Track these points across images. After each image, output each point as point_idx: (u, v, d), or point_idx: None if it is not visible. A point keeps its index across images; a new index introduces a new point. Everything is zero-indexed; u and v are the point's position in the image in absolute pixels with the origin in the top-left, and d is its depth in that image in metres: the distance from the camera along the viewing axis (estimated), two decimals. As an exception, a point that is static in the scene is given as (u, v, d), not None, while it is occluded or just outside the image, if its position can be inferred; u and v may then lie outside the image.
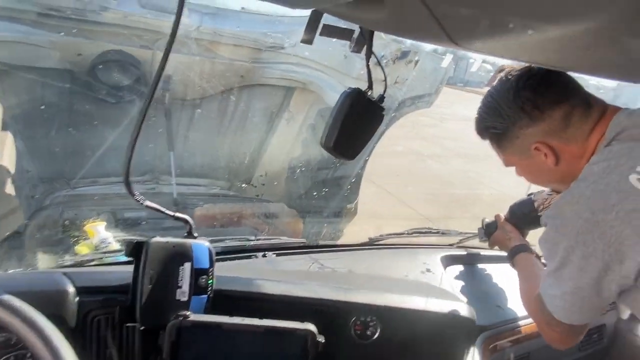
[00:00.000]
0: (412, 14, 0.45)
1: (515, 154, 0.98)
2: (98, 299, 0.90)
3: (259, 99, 3.18)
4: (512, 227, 1.35)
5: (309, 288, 1.04)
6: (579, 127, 0.88)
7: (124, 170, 0.83)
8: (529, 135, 0.91)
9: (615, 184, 0.77)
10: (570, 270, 0.82)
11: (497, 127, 0.95)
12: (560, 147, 0.90)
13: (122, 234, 2.27)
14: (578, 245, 0.80)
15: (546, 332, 0.95)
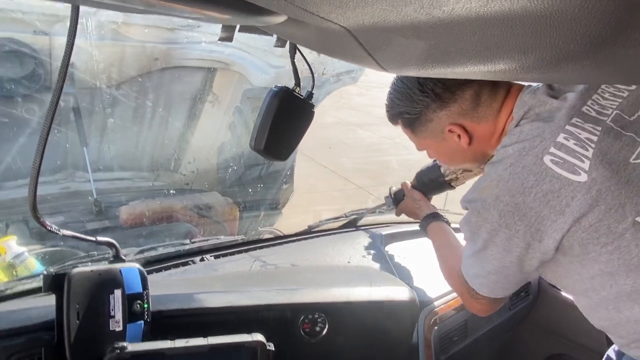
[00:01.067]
0: (339, 41, 0.42)
1: (428, 137, 0.98)
2: (19, 341, 0.81)
3: (179, 82, 2.98)
4: (420, 194, 1.38)
5: (253, 295, 1.02)
6: (489, 106, 0.90)
7: (29, 196, 0.73)
8: (442, 117, 0.92)
9: (532, 166, 0.79)
10: (494, 251, 0.86)
11: (411, 112, 0.95)
12: (472, 127, 0.92)
13: (39, 245, 2.07)
14: (501, 228, 0.83)
15: (470, 304, 1.01)
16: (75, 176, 2.66)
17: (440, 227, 1.26)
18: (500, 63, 0.36)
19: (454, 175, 1.33)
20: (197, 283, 1.10)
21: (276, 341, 0.89)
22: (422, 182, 1.38)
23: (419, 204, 1.36)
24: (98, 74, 2.56)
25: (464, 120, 0.92)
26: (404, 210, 1.42)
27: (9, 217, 2.29)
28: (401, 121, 1.00)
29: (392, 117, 1.01)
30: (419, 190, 1.38)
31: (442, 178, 1.33)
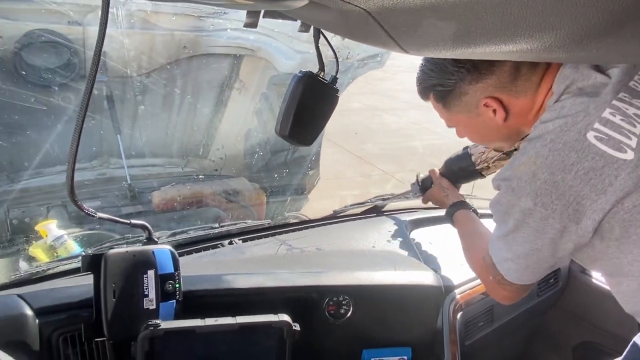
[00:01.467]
0: (362, 24, 0.42)
1: (461, 112, 0.93)
2: (60, 317, 0.86)
3: (207, 70, 3.02)
4: (448, 183, 1.34)
5: (279, 277, 1.04)
6: (528, 79, 0.85)
7: (67, 181, 0.77)
8: (478, 90, 0.88)
9: (574, 143, 0.75)
10: (526, 233, 0.82)
11: (444, 85, 0.90)
12: (509, 102, 0.87)
13: (77, 228, 2.17)
14: (536, 207, 0.79)
15: (495, 291, 0.97)
16: (110, 163, 2.76)
17: (467, 216, 1.23)
18: (522, 42, 0.36)
19: (486, 164, 1.29)
20: (225, 265, 1.14)
21: (302, 322, 0.91)
22: (452, 170, 1.35)
23: (446, 192, 1.32)
24: (129, 63, 2.63)
25: (501, 93, 0.87)
26: (430, 198, 1.39)
27: (49, 202, 2.41)
28: (433, 94, 0.95)
29: (424, 91, 0.96)
30: (447, 179, 1.35)
31: (472, 167, 1.30)
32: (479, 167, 1.30)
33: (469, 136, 1.03)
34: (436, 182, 1.36)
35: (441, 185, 1.34)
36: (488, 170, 1.31)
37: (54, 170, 2.72)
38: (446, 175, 1.36)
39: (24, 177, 2.66)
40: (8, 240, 2.13)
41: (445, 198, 1.31)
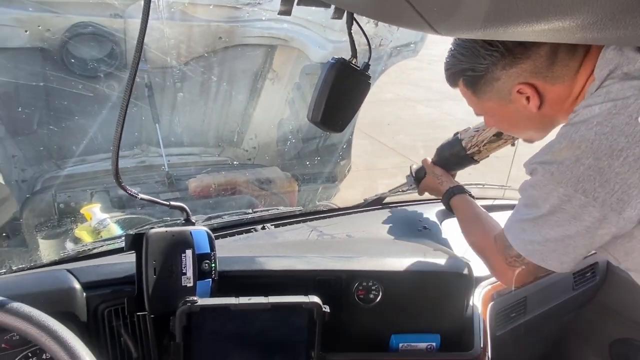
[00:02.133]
0: (393, 5, 0.43)
1: (492, 99, 0.89)
2: (105, 292, 0.92)
3: (241, 60, 3.08)
4: (442, 170, 1.31)
5: (310, 260, 1.07)
6: (566, 64, 0.80)
7: (112, 165, 0.82)
8: (511, 76, 0.83)
9: (623, 127, 0.71)
10: (561, 218, 0.78)
11: (476, 69, 0.85)
12: (545, 88, 0.83)
13: (119, 212, 2.28)
14: (577, 194, 0.75)
15: (503, 273, 0.95)
16: (149, 151, 2.87)
17: (465, 199, 1.20)
18: (556, 20, 0.36)
19: (476, 148, 1.26)
20: (258, 248, 1.17)
21: (331, 305, 0.94)
22: (444, 157, 1.32)
23: (440, 179, 1.29)
24: (169, 52, 2.71)
25: (536, 79, 0.82)
26: (426, 188, 1.36)
27: (92, 188, 2.54)
28: (463, 80, 0.90)
29: (453, 76, 0.92)
30: (440, 167, 1.32)
31: (463, 152, 1.27)
32: (470, 151, 1.28)
33: (498, 125, 0.99)
34: (429, 170, 1.33)
35: (435, 173, 1.32)
36: (480, 155, 1.29)
37: (97, 158, 2.86)
38: (439, 163, 1.33)
39: (69, 163, 2.81)
40: (55, 222, 2.26)
41: (440, 185, 1.29)
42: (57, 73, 2.55)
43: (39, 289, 0.88)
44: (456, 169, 1.34)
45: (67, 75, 2.60)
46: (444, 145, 1.33)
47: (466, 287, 1.15)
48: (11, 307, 0.74)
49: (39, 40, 2.42)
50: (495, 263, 0.97)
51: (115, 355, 0.91)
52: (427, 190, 1.37)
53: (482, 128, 1.27)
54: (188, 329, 0.87)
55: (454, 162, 1.32)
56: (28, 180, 2.68)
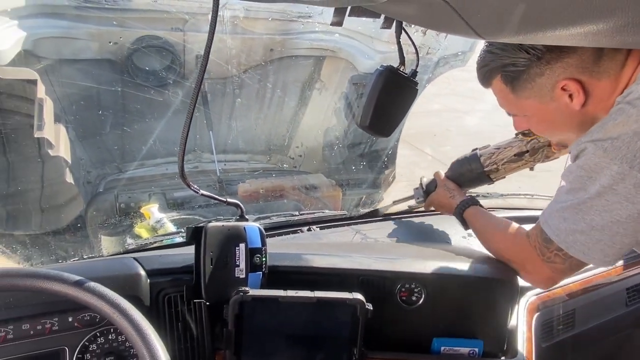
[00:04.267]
0: (439, 12, 0.47)
1: (532, 97, 0.84)
2: (167, 279, 1.00)
3: (290, 71, 3.19)
4: (455, 185, 1.26)
5: (354, 260, 1.11)
6: (612, 58, 0.76)
7: (179, 164, 0.90)
8: (556, 71, 0.79)
9: None
10: (611, 200, 0.73)
11: (518, 64, 0.81)
12: (591, 84, 0.79)
13: (174, 213, 2.43)
14: (632, 171, 0.70)
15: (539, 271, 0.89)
16: (202, 157, 3.04)
17: (480, 210, 1.15)
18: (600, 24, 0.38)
19: (495, 166, 1.23)
20: (304, 247, 1.23)
21: (374, 304, 0.97)
22: (459, 172, 1.28)
23: (452, 193, 1.23)
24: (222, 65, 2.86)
25: (582, 75, 0.78)
26: (434, 202, 1.31)
27: (150, 190, 2.71)
28: (501, 76, 0.86)
29: (490, 73, 0.88)
30: (453, 182, 1.28)
31: (480, 169, 1.24)
32: (488, 169, 1.24)
33: (534, 126, 0.94)
34: (441, 184, 1.28)
35: (447, 187, 1.26)
36: (497, 174, 1.25)
37: (154, 163, 3.05)
38: (452, 178, 1.30)
39: (129, 167, 3.01)
40: (117, 220, 2.44)
41: (451, 199, 1.23)
42: (122, 83, 2.76)
43: (108, 274, 0.97)
44: (469, 186, 1.30)
45: (131, 85, 2.81)
46: (460, 160, 1.30)
47: (511, 295, 1.15)
48: (88, 285, 0.82)
49: (107, 52, 2.64)
50: (529, 262, 0.92)
51: (172, 338, 0.99)
52: (435, 204, 1.31)
53: (503, 146, 1.24)
54: (239, 317, 0.94)
55: (468, 179, 1.28)
56: (92, 182, 2.91)
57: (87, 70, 2.66)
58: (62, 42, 2.49)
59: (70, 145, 2.62)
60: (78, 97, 2.68)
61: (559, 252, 0.85)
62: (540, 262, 0.89)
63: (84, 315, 0.94)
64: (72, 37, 2.49)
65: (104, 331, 0.96)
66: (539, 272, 0.91)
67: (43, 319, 0.90)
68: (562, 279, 0.91)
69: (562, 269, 0.87)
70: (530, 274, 0.95)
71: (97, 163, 3.03)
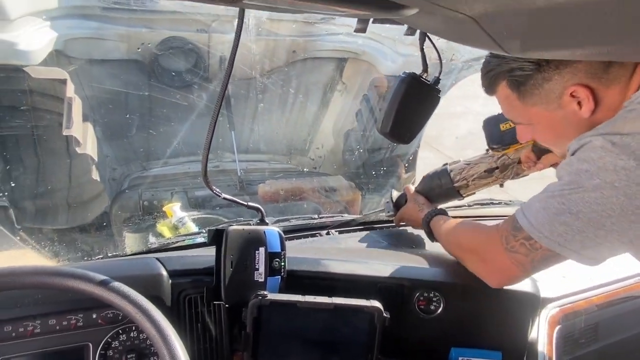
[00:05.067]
0: (465, 28, 0.47)
1: (539, 104, 0.82)
2: (187, 280, 1.02)
3: (312, 73, 3.21)
4: (425, 199, 1.24)
5: (372, 266, 1.10)
6: (622, 65, 0.74)
7: (202, 168, 0.92)
8: (564, 76, 0.76)
9: None
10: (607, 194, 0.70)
11: (525, 69, 0.79)
12: (600, 91, 0.76)
13: (195, 212, 2.47)
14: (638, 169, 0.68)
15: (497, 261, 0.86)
16: (223, 157, 3.08)
17: (445, 217, 1.13)
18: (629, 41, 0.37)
19: (465, 182, 1.21)
20: (323, 252, 1.23)
21: (391, 312, 0.97)
22: (429, 187, 1.27)
23: (422, 207, 1.21)
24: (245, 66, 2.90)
25: (591, 81, 0.76)
26: (404, 216, 1.29)
27: (172, 188, 2.76)
28: (507, 82, 0.83)
29: (495, 78, 0.86)
30: (423, 196, 1.26)
31: (450, 184, 1.23)
32: (458, 184, 1.22)
33: (539, 135, 0.90)
34: (411, 198, 1.27)
35: (416, 201, 1.24)
36: (467, 189, 1.23)
37: (177, 161, 3.11)
38: (422, 193, 1.28)
39: (153, 165, 3.08)
40: (140, 218, 2.50)
41: (420, 212, 1.21)
42: (148, 84, 2.82)
43: (132, 273, 1.00)
44: (439, 201, 1.28)
45: (156, 86, 2.87)
46: (431, 174, 1.29)
47: (532, 306, 1.13)
48: (112, 285, 0.85)
49: (134, 53, 2.70)
50: (489, 251, 0.89)
51: (192, 338, 1.01)
52: (405, 218, 1.30)
53: (473, 162, 1.23)
54: (258, 320, 0.95)
55: (438, 194, 1.26)
56: (117, 179, 2.98)
57: (115, 71, 2.73)
58: (91, 42, 2.56)
59: (97, 142, 2.70)
60: (106, 96, 2.76)
61: (525, 242, 0.82)
62: (501, 250, 0.85)
63: (107, 312, 0.97)
64: (101, 37, 2.56)
65: (126, 329, 0.98)
66: (496, 260, 0.88)
67: (69, 315, 0.93)
68: (520, 274, 0.87)
69: (523, 261, 0.83)
70: (487, 262, 0.91)
71: (121, 160, 3.11)
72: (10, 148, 2.34)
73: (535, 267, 0.86)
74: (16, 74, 2.23)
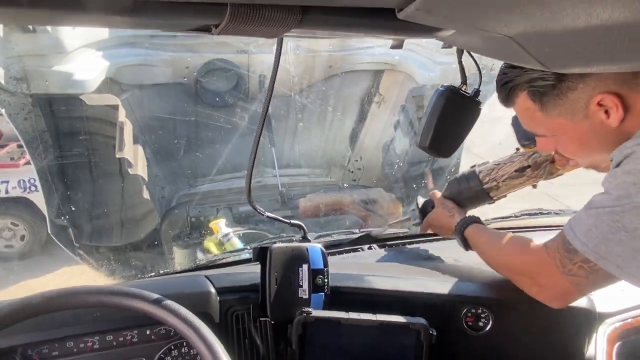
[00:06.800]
0: (504, 46, 0.47)
1: (563, 115, 0.77)
2: (234, 297, 1.05)
3: (349, 86, 3.23)
4: (454, 203, 1.17)
5: (417, 282, 1.09)
6: None
7: (246, 190, 0.96)
8: (590, 85, 0.72)
9: None
10: None
11: (547, 78, 0.74)
12: (630, 98, 0.71)
13: (240, 227, 2.53)
14: None
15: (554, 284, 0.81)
16: (265, 172, 3.15)
17: (482, 227, 1.06)
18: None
19: (495, 183, 1.13)
20: (365, 267, 1.23)
21: (438, 329, 0.95)
22: (457, 191, 1.20)
23: (452, 212, 1.14)
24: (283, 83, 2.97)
25: (620, 88, 0.71)
26: (432, 223, 1.22)
27: (217, 204, 2.86)
28: (528, 93, 0.79)
29: (514, 89, 0.82)
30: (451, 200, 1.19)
31: (479, 186, 1.15)
32: (487, 185, 1.15)
33: (563, 147, 0.86)
34: (438, 203, 1.20)
35: (445, 206, 1.17)
36: (497, 191, 1.15)
37: (221, 178, 3.21)
38: (450, 198, 1.20)
39: (199, 183, 3.19)
40: (188, 234, 2.59)
41: (451, 219, 1.14)
42: (193, 104, 2.95)
43: (182, 291, 1.04)
44: (468, 205, 1.21)
45: (201, 107, 2.99)
46: (458, 177, 1.21)
47: (587, 322, 1.07)
48: (165, 303, 0.89)
49: (179, 76, 2.83)
50: (544, 274, 0.84)
51: (240, 354, 1.03)
52: (433, 225, 1.23)
53: (503, 162, 1.16)
54: (303, 337, 0.96)
55: (467, 197, 1.19)
56: (166, 197, 3.11)
57: (162, 94, 2.88)
58: (140, 69, 2.72)
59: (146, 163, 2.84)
60: (154, 118, 2.90)
61: (584, 264, 0.77)
62: (558, 274, 0.81)
63: (160, 329, 1.01)
64: (149, 64, 2.71)
65: (178, 344, 1.02)
66: (555, 285, 0.83)
67: (124, 332, 0.98)
68: (581, 296, 0.83)
69: (584, 283, 0.79)
70: (544, 287, 0.86)
71: (170, 179, 3.25)
72: (68, 171, 2.51)
73: (596, 286, 0.83)
74: (73, 102, 2.40)
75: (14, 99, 2.26)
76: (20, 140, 2.44)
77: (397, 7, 0.37)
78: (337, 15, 0.39)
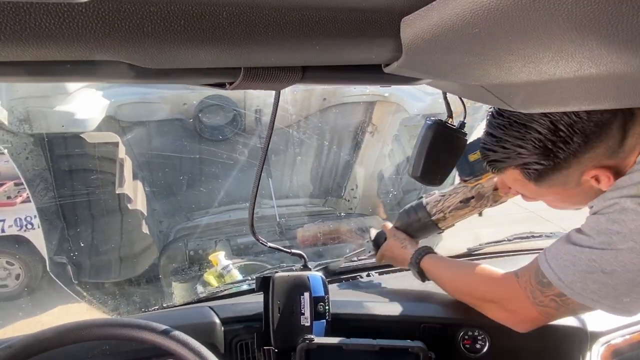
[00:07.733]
0: (476, 91, 0.54)
1: (555, 186, 0.80)
2: (239, 327, 1.08)
3: (343, 117, 3.33)
4: (405, 235, 1.22)
5: (415, 307, 1.13)
6: (635, 132, 0.73)
7: (249, 222, 1.01)
8: (583, 162, 0.75)
9: None
10: None
11: (542, 162, 0.76)
12: (618, 165, 0.75)
13: (239, 259, 2.56)
14: None
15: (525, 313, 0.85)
16: (262, 203, 3.19)
17: (439, 256, 1.11)
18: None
19: (442, 214, 1.19)
20: (365, 294, 1.27)
21: (436, 352, 0.98)
22: (407, 222, 1.25)
23: (404, 243, 1.18)
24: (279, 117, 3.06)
25: (609, 160, 0.74)
26: (385, 255, 1.26)
27: (216, 237, 2.88)
28: (521, 172, 0.80)
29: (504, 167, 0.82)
30: (402, 232, 1.24)
31: (428, 217, 1.20)
32: (435, 217, 1.20)
33: (551, 204, 0.90)
34: (390, 234, 1.24)
35: (397, 237, 1.21)
36: (445, 222, 1.21)
37: (218, 210, 3.25)
38: (401, 229, 1.26)
39: (196, 216, 3.22)
40: (187, 267, 2.61)
41: (404, 250, 1.18)
42: (190, 139, 3.02)
43: (188, 322, 1.07)
44: (419, 235, 1.25)
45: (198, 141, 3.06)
46: (407, 209, 1.26)
47: (580, 341, 1.11)
48: (173, 334, 0.92)
49: (177, 113, 2.92)
50: (513, 301, 0.88)
51: (245, 384, 1.06)
52: (386, 256, 1.26)
53: (448, 193, 1.21)
54: (306, 364, 0.99)
55: (416, 228, 1.24)
56: (164, 231, 3.14)
57: (161, 130, 2.95)
58: (139, 106, 2.80)
59: (145, 198, 2.88)
60: (153, 154, 2.96)
61: (556, 298, 0.81)
62: (528, 303, 0.84)
63: None
64: (148, 101, 2.79)
65: (185, 375, 1.04)
66: (523, 312, 0.87)
67: (133, 364, 1.00)
68: (548, 322, 0.88)
69: (553, 313, 0.84)
70: (513, 313, 0.90)
71: (168, 212, 3.28)
72: (68, 209, 2.54)
73: (566, 315, 0.89)
74: (74, 140, 2.47)
75: (16, 139, 2.32)
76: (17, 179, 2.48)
77: (384, 63, 0.44)
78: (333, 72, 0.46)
